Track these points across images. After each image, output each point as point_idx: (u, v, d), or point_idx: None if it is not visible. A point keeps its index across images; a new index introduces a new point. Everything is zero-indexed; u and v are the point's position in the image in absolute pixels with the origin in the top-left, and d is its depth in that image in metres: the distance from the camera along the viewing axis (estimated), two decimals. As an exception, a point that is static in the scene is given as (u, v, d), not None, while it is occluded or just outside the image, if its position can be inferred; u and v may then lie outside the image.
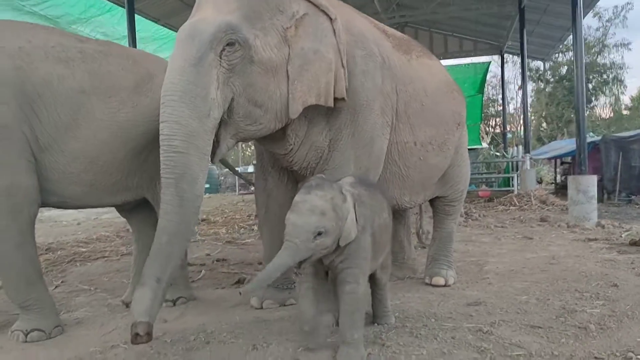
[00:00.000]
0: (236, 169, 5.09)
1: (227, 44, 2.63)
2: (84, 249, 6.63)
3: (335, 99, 3.00)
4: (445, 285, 3.93)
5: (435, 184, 4.01)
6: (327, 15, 2.98)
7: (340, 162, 3.18)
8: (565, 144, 14.29)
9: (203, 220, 9.43)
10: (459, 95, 4.05)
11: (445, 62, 17.71)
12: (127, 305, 3.68)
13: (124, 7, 9.34)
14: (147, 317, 2.46)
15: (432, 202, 4.27)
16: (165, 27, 12.29)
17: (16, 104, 2.95)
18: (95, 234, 8.16)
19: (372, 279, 2.94)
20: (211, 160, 2.79)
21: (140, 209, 3.77)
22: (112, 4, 10.35)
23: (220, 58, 2.63)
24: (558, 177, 14.96)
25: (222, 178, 24.71)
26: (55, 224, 10.22)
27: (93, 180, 3.25)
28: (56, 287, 4.51)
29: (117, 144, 3.23)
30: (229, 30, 2.63)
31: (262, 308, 3.50)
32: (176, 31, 11.69)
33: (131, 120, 3.27)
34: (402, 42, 3.70)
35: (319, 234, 2.37)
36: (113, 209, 3.93)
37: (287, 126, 3.01)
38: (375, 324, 3.03)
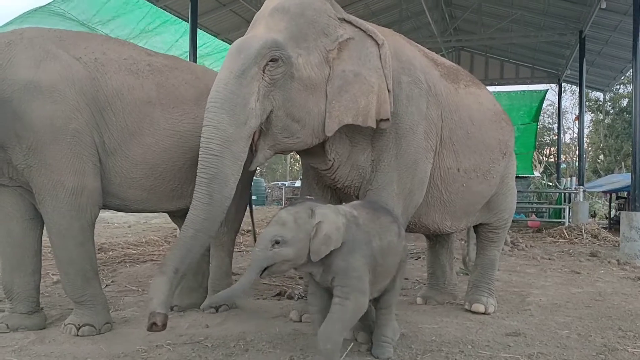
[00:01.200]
0: (284, 183, 5.20)
1: (271, 60, 2.81)
2: (133, 251, 6.88)
3: (381, 120, 3.09)
4: (484, 313, 3.91)
5: (479, 211, 4.01)
6: (374, 40, 3.10)
7: (383, 182, 3.26)
8: (621, 178, 13.81)
9: (248, 231, 9.58)
10: (507, 124, 4.06)
11: (501, 89, 17.52)
12: (172, 308, 3.82)
13: (187, 21, 9.70)
14: (164, 309, 2.61)
15: (475, 228, 4.27)
16: (225, 41, 12.68)
17: (89, 111, 3.17)
18: (144, 237, 8.43)
19: (376, 301, 2.93)
20: (249, 167, 2.97)
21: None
22: (176, 17, 10.81)
23: (264, 72, 2.81)
24: (612, 211, 14.48)
25: (269, 191, 25.02)
26: (108, 225, 10.62)
27: (152, 186, 3.44)
28: (106, 286, 4.72)
29: (177, 153, 3.41)
30: (274, 47, 2.81)
31: (300, 321, 3.58)
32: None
33: (191, 131, 3.44)
34: (450, 71, 3.77)
35: (277, 242, 2.46)
36: (162, 214, 4.10)
37: (326, 143, 3.13)
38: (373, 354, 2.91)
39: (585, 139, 14.96)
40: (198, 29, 9.90)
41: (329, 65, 2.99)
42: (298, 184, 22.13)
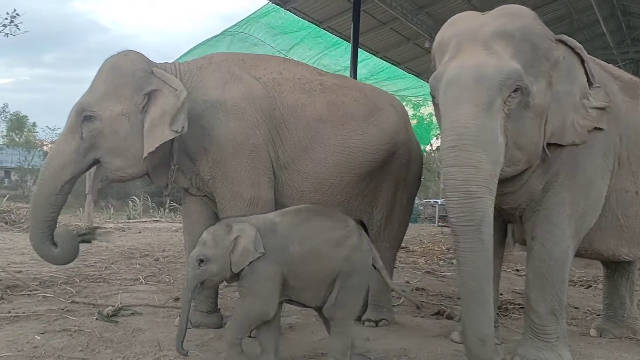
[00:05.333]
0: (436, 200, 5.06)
1: (514, 90, 2.67)
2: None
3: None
4: (673, 353, 3.50)
5: None
6: (580, 56, 2.94)
7: (553, 203, 3.07)
8: None
9: (402, 248, 9.57)
10: None
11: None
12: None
13: (349, 41, 10.03)
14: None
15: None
16: (383, 59, 12.89)
17: (266, 127, 3.42)
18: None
19: (321, 313, 2.94)
20: None
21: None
22: (338, 38, 11.23)
23: (505, 104, 2.67)
24: None
25: (422, 208, 24.68)
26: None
27: (321, 199, 3.59)
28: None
29: (345, 168, 3.54)
30: (518, 77, 2.67)
31: (461, 343, 3.49)
32: (392, 63, 12.05)
33: (359, 147, 3.56)
34: (629, 85, 3.45)
35: (201, 261, 2.71)
36: None
37: (528, 168, 2.98)
38: None
39: None
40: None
41: (550, 89, 2.86)
42: (450, 202, 21.57)
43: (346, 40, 10.78)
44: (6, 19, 21.04)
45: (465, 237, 2.55)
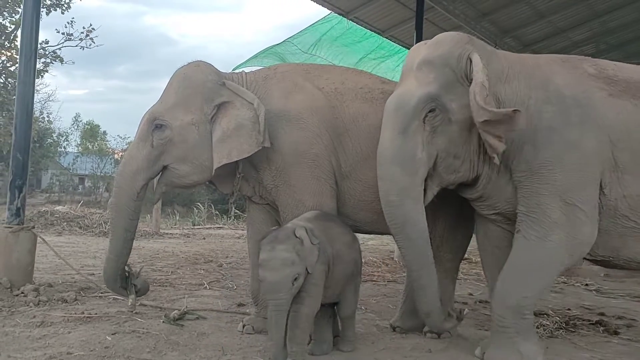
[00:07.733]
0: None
1: (429, 111, 3.07)
2: (354, 271, 7.17)
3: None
4: None
5: None
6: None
7: (531, 207, 3.11)
8: None
9: (465, 259, 9.36)
10: None
11: None
12: (395, 329, 3.91)
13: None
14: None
15: None
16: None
17: (328, 137, 3.46)
18: (363, 258, 8.70)
19: (325, 309, 3.22)
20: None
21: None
22: (399, 46, 11.18)
23: (424, 123, 3.09)
24: None
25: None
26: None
27: (382, 208, 3.57)
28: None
29: None
30: (429, 100, 3.07)
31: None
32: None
33: None
34: (631, 87, 3.27)
35: (295, 279, 2.83)
36: (377, 236, 4.25)
37: (480, 175, 3.26)
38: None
39: None
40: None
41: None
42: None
43: (408, 49, 10.72)
44: (82, 32, 22.13)
45: (396, 237, 3.17)
